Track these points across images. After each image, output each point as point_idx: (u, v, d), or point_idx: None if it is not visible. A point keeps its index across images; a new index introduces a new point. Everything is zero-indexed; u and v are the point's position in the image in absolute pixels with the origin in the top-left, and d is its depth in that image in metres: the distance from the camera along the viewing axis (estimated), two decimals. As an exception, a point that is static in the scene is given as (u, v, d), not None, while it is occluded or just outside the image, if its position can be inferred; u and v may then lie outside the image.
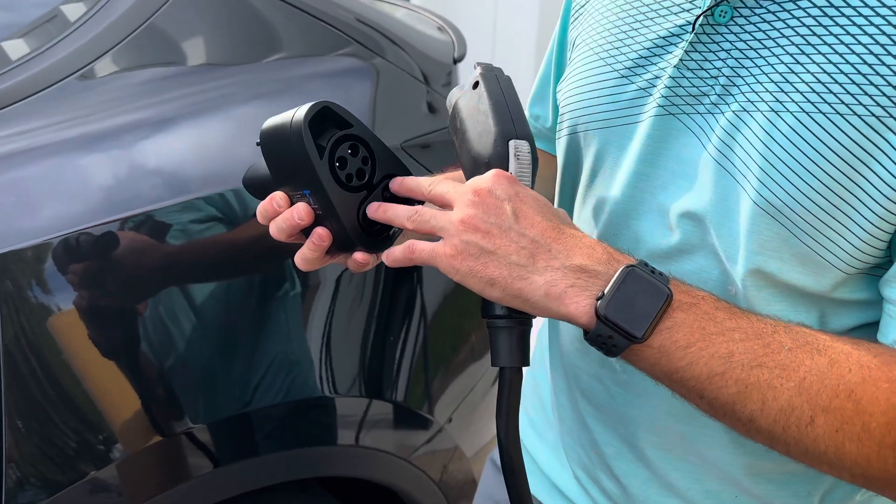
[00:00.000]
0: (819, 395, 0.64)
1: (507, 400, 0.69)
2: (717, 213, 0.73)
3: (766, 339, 0.66)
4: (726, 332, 0.66)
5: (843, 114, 0.66)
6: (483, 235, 0.67)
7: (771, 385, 0.65)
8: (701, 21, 0.74)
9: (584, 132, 0.84)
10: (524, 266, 0.67)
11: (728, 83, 0.73)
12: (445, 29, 1.58)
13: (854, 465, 0.65)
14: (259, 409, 1.15)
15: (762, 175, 0.69)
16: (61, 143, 1.04)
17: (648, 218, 0.78)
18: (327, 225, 0.75)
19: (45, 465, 0.99)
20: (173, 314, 1.07)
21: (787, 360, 0.65)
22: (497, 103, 0.73)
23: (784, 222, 0.69)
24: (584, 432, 0.90)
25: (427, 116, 1.40)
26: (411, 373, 1.35)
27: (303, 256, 0.77)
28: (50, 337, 0.99)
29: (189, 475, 1.11)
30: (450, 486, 1.44)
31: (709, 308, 0.67)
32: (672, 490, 0.84)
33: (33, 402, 0.98)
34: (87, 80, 1.10)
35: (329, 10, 1.30)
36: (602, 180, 0.83)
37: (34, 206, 1.00)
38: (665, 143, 0.77)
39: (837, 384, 0.64)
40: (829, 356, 0.65)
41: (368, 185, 0.76)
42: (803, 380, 0.64)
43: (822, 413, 0.64)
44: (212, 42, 1.26)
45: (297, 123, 0.72)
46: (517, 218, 0.67)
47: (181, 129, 1.12)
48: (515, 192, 0.69)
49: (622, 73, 0.80)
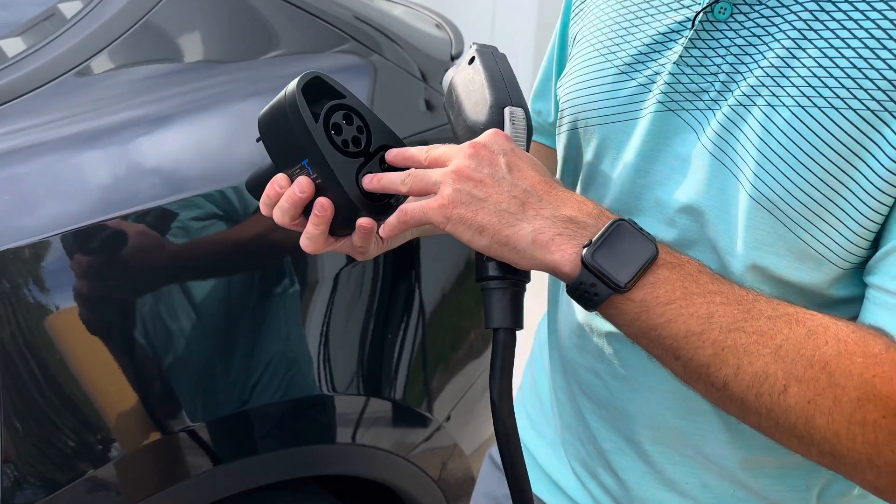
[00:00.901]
0: (794, 365, 0.64)
1: (501, 361, 0.69)
2: (716, 207, 0.73)
3: (747, 306, 0.66)
4: (708, 294, 0.66)
5: (838, 108, 0.66)
6: (475, 184, 0.68)
7: (747, 350, 0.65)
8: (701, 18, 0.74)
9: (584, 127, 0.84)
10: (514, 214, 0.67)
11: (727, 79, 0.73)
12: (443, 26, 1.58)
13: (823, 441, 0.64)
14: (257, 408, 1.15)
15: (758, 169, 0.70)
16: (58, 141, 1.03)
17: (647, 213, 0.79)
18: (329, 195, 0.75)
19: (43, 464, 0.99)
20: (171, 312, 1.07)
21: (765, 326, 0.65)
22: (492, 75, 0.75)
23: (779, 216, 0.69)
24: (583, 428, 0.90)
25: (425, 114, 1.40)
26: (410, 370, 1.35)
27: (307, 235, 0.76)
28: (47, 336, 0.99)
29: (187, 474, 1.11)
30: (448, 483, 1.44)
31: (693, 270, 0.67)
32: (669, 485, 0.85)
33: (30, 400, 0.97)
34: (84, 76, 1.10)
35: (326, 7, 1.30)
36: (601, 175, 0.83)
37: (31, 204, 0.99)
38: (664, 138, 0.77)
39: (813, 355, 0.64)
40: (807, 327, 0.65)
41: (365, 153, 0.76)
42: (779, 347, 0.64)
43: (795, 382, 0.64)
44: (209, 39, 1.26)
45: (291, 92, 0.74)
46: (511, 169, 0.69)
47: (179, 126, 1.12)
48: (511, 147, 0.70)
49: (622, 69, 0.81)
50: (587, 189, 0.86)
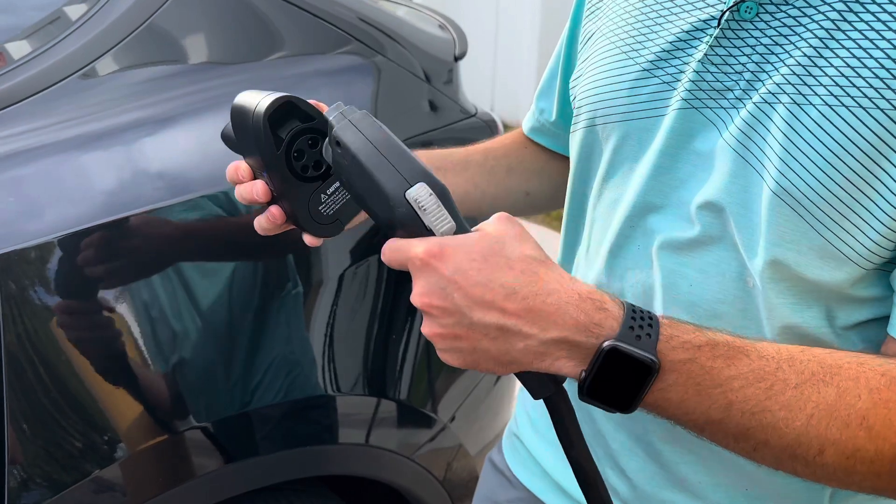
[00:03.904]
0: (828, 430, 0.64)
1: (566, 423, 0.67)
2: (738, 204, 0.73)
3: (769, 381, 0.64)
4: (724, 382, 0.64)
5: (866, 107, 0.67)
6: (454, 340, 0.63)
7: (775, 426, 0.64)
8: (727, 17, 0.74)
9: (604, 124, 0.84)
10: (506, 351, 0.63)
11: (753, 78, 0.73)
12: (447, 27, 1.58)
13: (863, 481, 0.66)
14: (262, 408, 1.15)
15: (782, 165, 0.70)
16: (64, 143, 1.04)
17: (668, 211, 0.79)
18: (282, 205, 0.79)
19: (49, 465, 0.99)
20: (176, 313, 1.07)
21: (792, 400, 0.64)
22: (370, 159, 0.66)
23: (802, 213, 0.69)
24: (591, 428, 0.90)
25: (428, 114, 1.40)
26: (415, 371, 1.35)
27: (259, 225, 0.81)
28: (52, 337, 0.99)
29: (193, 474, 1.11)
30: (453, 484, 1.44)
31: (705, 360, 0.64)
32: (681, 485, 0.84)
33: (36, 402, 0.98)
34: (89, 78, 1.10)
35: (330, 9, 1.30)
36: (621, 173, 0.83)
37: (37, 205, 1.00)
38: (686, 136, 0.77)
39: (848, 414, 0.64)
40: (836, 386, 0.65)
41: (324, 175, 0.78)
42: (811, 417, 0.64)
43: (831, 445, 0.64)
44: (213, 41, 1.26)
45: (259, 116, 0.74)
46: (469, 307, 0.62)
47: (183, 127, 1.12)
48: (452, 269, 0.62)
49: (644, 67, 0.81)
50: (604, 187, 0.85)
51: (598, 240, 0.86)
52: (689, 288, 0.78)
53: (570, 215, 0.94)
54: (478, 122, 1.45)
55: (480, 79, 5.27)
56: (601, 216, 0.86)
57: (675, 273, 0.78)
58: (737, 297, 0.76)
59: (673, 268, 0.78)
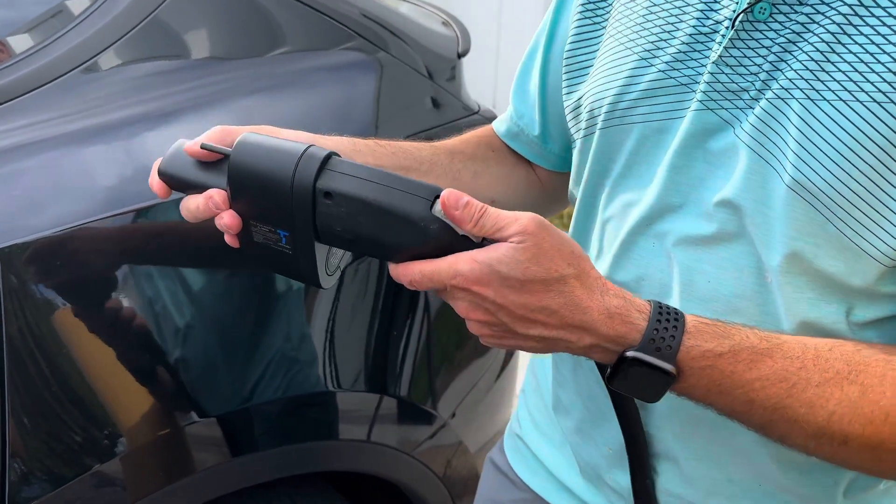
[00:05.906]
0: (851, 424, 0.67)
1: None
2: (754, 199, 0.74)
3: (792, 381, 0.68)
4: (745, 384, 0.69)
5: (880, 102, 0.67)
6: (499, 339, 0.71)
7: (796, 420, 0.68)
8: (741, 18, 0.74)
9: (620, 126, 0.83)
10: (550, 349, 0.71)
11: (768, 77, 0.73)
12: (450, 24, 1.58)
13: (891, 471, 0.69)
14: (263, 404, 1.15)
15: (796, 160, 0.70)
16: (65, 137, 1.04)
17: (685, 210, 0.79)
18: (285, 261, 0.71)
19: (50, 459, 0.99)
20: (178, 308, 1.07)
21: (814, 396, 0.68)
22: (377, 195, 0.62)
23: (819, 207, 0.70)
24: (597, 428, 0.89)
25: (431, 111, 1.40)
26: (415, 368, 1.35)
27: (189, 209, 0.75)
28: (53, 331, 0.99)
29: (193, 469, 1.11)
30: (454, 481, 1.44)
31: (726, 366, 0.69)
32: (692, 482, 0.84)
33: (37, 395, 0.98)
34: (91, 73, 1.10)
35: (333, 4, 1.30)
36: (636, 175, 0.83)
37: (39, 199, 1.00)
38: (702, 136, 0.77)
39: (872, 411, 0.67)
40: (860, 384, 0.67)
41: None
42: (832, 413, 0.68)
43: (855, 438, 0.68)
44: (216, 36, 1.26)
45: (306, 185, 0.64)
46: (513, 322, 0.68)
47: (186, 122, 1.12)
48: (493, 294, 0.66)
49: (661, 69, 0.81)
50: (618, 188, 0.85)
51: (610, 240, 0.86)
52: (706, 284, 0.78)
53: (580, 219, 0.92)
54: (480, 119, 1.45)
55: (483, 76, 5.26)
56: (615, 217, 0.85)
57: (693, 269, 0.78)
58: (755, 292, 0.76)
59: (690, 264, 0.79)
